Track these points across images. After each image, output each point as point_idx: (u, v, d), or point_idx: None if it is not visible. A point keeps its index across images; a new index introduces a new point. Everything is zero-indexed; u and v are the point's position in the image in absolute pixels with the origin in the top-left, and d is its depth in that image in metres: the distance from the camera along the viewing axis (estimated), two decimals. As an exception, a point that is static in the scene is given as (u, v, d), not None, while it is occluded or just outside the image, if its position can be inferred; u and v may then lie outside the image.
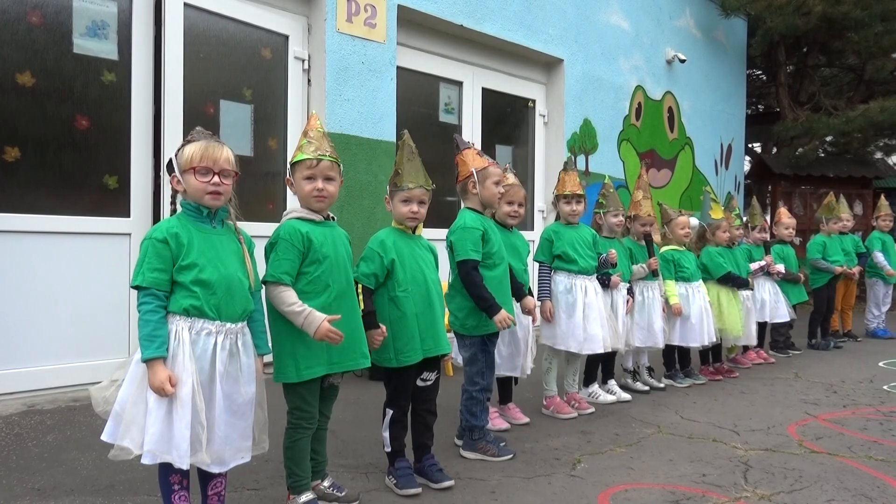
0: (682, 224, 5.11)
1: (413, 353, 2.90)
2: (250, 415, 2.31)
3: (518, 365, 3.82)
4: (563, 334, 4.08)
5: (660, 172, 8.91)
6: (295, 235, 2.52)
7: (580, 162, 7.62)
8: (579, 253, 4.14)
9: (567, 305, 4.09)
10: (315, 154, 2.61)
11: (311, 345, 2.53)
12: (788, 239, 6.49)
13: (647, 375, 4.98)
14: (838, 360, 6.14)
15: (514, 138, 7.54)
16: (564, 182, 4.21)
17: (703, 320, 4.98)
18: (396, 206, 2.99)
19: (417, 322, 2.91)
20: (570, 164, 4.28)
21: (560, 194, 4.22)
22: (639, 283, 4.77)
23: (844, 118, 9.85)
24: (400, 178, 2.98)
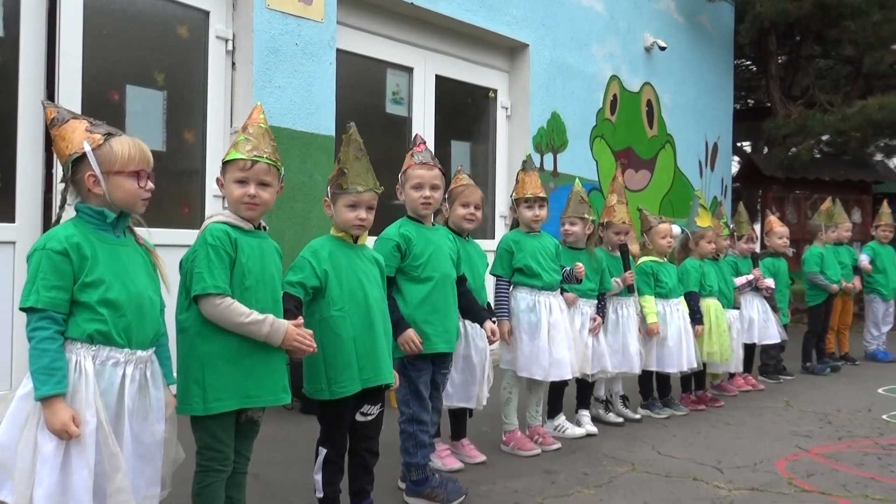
0: (663, 232, 5.20)
1: (350, 382, 2.88)
2: (159, 458, 2.27)
3: (473, 395, 3.83)
4: (526, 359, 4.11)
5: (637, 174, 9.07)
6: (224, 239, 2.51)
7: (548, 161, 7.71)
8: (543, 266, 4.18)
9: (529, 326, 4.12)
10: (251, 154, 2.60)
11: (222, 372, 2.49)
12: (783, 250, 6.67)
13: (622, 405, 5.04)
14: (834, 386, 6.32)
15: (472, 133, 7.58)
16: (524, 183, 4.25)
17: (681, 343, 5.07)
18: (340, 212, 2.97)
19: (355, 347, 2.89)
20: (530, 163, 4.32)
21: (519, 198, 4.26)
22: (612, 300, 4.84)
23: (841, 115, 10.20)
24: (346, 178, 2.98)
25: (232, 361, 2.50)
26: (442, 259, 3.39)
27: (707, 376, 5.77)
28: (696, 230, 5.52)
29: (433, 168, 3.36)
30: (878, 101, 9.83)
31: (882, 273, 7.69)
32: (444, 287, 3.37)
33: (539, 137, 7.60)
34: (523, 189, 4.24)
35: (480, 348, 3.83)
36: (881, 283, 7.71)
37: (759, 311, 6.21)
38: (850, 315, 7.73)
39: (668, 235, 5.22)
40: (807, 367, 7.01)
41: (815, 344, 7.16)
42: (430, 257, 3.34)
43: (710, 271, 5.55)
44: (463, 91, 7.34)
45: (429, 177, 3.35)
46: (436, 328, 3.34)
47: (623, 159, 8.69)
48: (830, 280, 7.12)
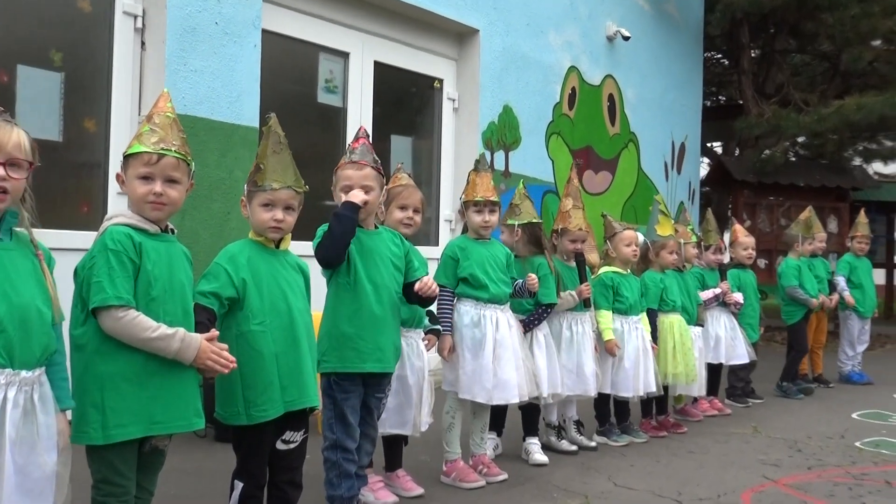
0: (627, 239, 5.29)
1: (270, 405, 2.88)
2: (50, 494, 2.21)
3: (409, 419, 3.84)
4: (468, 379, 4.14)
5: (597, 175, 9.22)
6: (127, 244, 2.48)
7: (498, 160, 7.79)
8: (491, 276, 4.22)
9: (473, 343, 4.15)
10: (156, 147, 2.58)
11: (124, 395, 2.46)
12: (748, 262, 6.86)
13: (575, 432, 5.11)
14: (805, 411, 6.51)
15: (415, 127, 7.61)
16: (475, 185, 4.29)
17: (639, 365, 5.17)
18: (255, 212, 2.98)
19: (277, 365, 2.89)
20: (483, 163, 4.37)
21: (469, 201, 4.30)
22: (566, 316, 4.91)
23: (816, 115, 10.53)
24: (261, 175, 2.98)
25: (136, 382, 2.48)
26: (380, 265, 3.39)
27: (670, 400, 5.89)
28: (656, 239, 5.63)
29: (364, 167, 3.37)
30: (855, 100, 10.19)
31: (858, 288, 7.95)
32: (381, 298, 3.38)
33: (489, 133, 7.67)
34: (473, 191, 4.28)
35: (417, 367, 3.85)
36: (857, 299, 7.96)
37: (726, 329, 6.36)
38: (824, 333, 7.97)
39: (633, 243, 5.31)
40: (782, 386, 7.19)
41: (799, 363, 7.35)
42: (366, 263, 3.34)
43: (672, 284, 5.68)
44: (405, 80, 7.37)
45: (357, 178, 3.36)
46: (367, 344, 3.35)
47: (579, 159, 8.82)
48: (810, 295, 7.33)
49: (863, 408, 6.64)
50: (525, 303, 4.58)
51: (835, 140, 12.42)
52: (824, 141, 12.44)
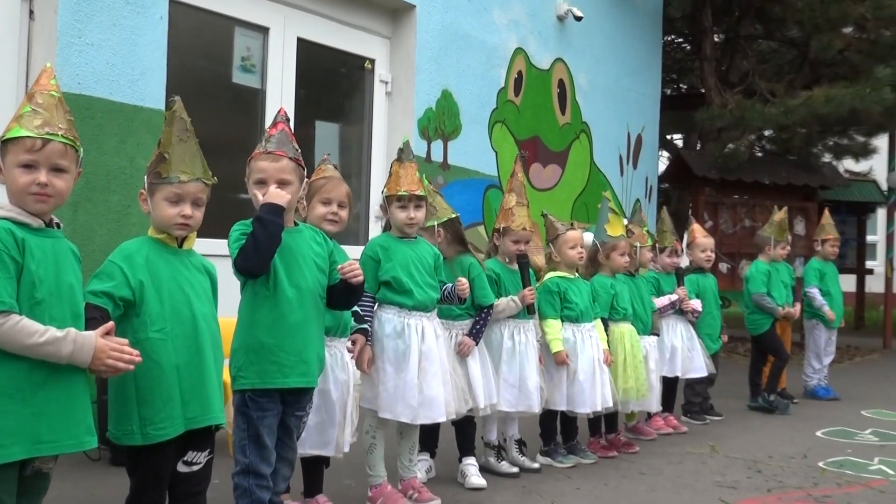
0: (572, 241, 5.35)
1: (170, 423, 2.86)
2: None
3: (331, 439, 3.84)
4: (390, 396, 4.14)
5: (545, 169, 9.32)
6: (8, 241, 2.46)
7: (436, 150, 7.82)
8: (416, 280, 4.23)
9: (396, 355, 4.15)
10: (41, 132, 2.56)
11: (5, 411, 2.42)
12: (706, 265, 7.00)
13: (517, 452, 5.16)
14: (767, 429, 6.68)
15: (343, 112, 7.59)
16: (398, 177, 4.30)
17: (594, 378, 5.24)
18: (158, 206, 2.97)
19: (178, 377, 2.88)
20: (407, 151, 4.37)
21: (392, 195, 4.30)
22: (507, 324, 4.95)
23: (783, 107, 10.79)
24: (166, 165, 2.96)
25: (17, 396, 2.45)
26: (303, 267, 3.38)
27: (620, 417, 5.98)
28: (605, 240, 5.71)
29: (280, 158, 3.34)
30: (824, 92, 10.45)
31: (827, 295, 8.17)
32: (304, 304, 3.36)
33: (426, 121, 7.70)
34: (396, 184, 4.29)
35: (341, 381, 3.85)
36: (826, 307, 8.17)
37: (683, 339, 6.49)
38: (788, 345, 8.17)
39: (578, 245, 5.38)
40: (770, 401, 7.34)
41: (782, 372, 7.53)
42: (287, 265, 3.33)
43: (624, 290, 5.77)
44: (332, 60, 7.35)
45: (273, 170, 3.33)
46: (290, 357, 3.33)
47: (525, 151, 8.89)
48: (777, 303, 7.52)
49: (828, 425, 6.84)
50: (455, 309, 4.60)
51: (803, 134, 12.73)
52: (791, 135, 12.75)
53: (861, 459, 5.67)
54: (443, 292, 4.38)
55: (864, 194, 15.59)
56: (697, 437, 6.26)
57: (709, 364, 6.63)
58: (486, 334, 4.92)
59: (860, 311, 16.37)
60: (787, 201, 11.88)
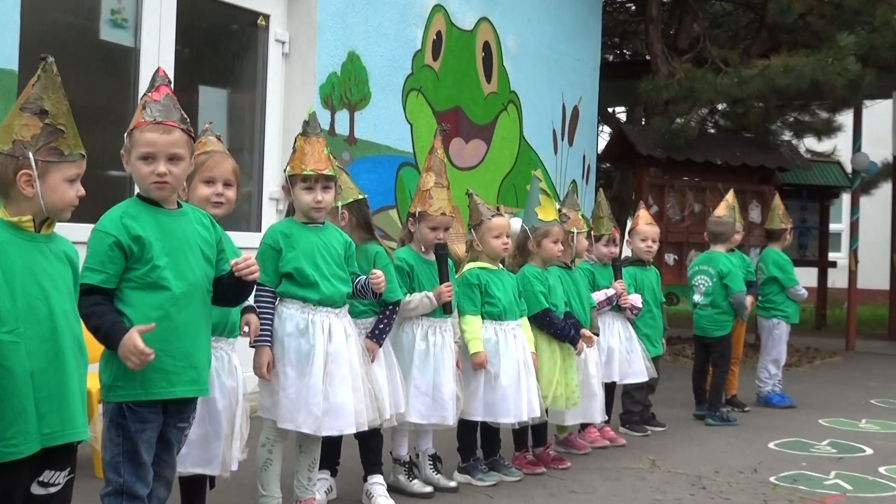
0: (497, 229, 5.38)
1: (22, 439, 2.83)
2: None
3: (216, 455, 3.83)
4: (291, 404, 4.16)
5: (468, 145, 9.37)
6: None
7: (341, 121, 7.81)
8: (323, 271, 4.25)
9: (299, 357, 4.17)
10: None
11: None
12: (647, 256, 7.14)
13: (431, 469, 5.21)
14: (714, 441, 6.86)
15: (232, 77, 7.54)
16: (303, 154, 4.30)
17: (519, 383, 5.30)
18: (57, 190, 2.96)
19: (34, 386, 2.86)
20: (314, 124, 4.38)
21: (296, 174, 4.31)
22: (421, 323, 5.00)
23: (737, 78, 10.99)
24: (65, 140, 2.96)
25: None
26: (190, 257, 3.37)
27: (550, 428, 6.07)
28: (537, 226, 5.79)
29: (172, 130, 3.31)
30: (782, 61, 10.65)
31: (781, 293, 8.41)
32: (192, 301, 3.36)
33: (329, 88, 7.69)
34: (301, 162, 4.29)
35: (229, 388, 3.85)
36: (784, 302, 8.42)
37: (621, 340, 6.61)
38: (740, 346, 8.38)
39: (504, 234, 5.42)
40: (720, 414, 7.52)
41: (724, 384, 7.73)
42: (170, 254, 3.32)
43: (557, 284, 5.86)
44: (218, 14, 7.29)
45: (163, 143, 3.30)
46: (177, 362, 3.32)
47: (445, 124, 8.90)
48: None
49: (782, 436, 7.05)
50: (357, 304, 4.64)
51: (759, 109, 13.00)
52: (747, 110, 13.00)
53: (816, 473, 5.87)
54: (355, 286, 4.41)
55: (828, 177, 15.93)
56: (636, 451, 6.40)
57: (650, 368, 6.74)
58: (396, 335, 4.98)
59: (822, 308, 16.78)
60: (741, 184, 12.16)
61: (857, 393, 9.43)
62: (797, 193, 15.43)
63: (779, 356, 8.51)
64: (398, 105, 8.43)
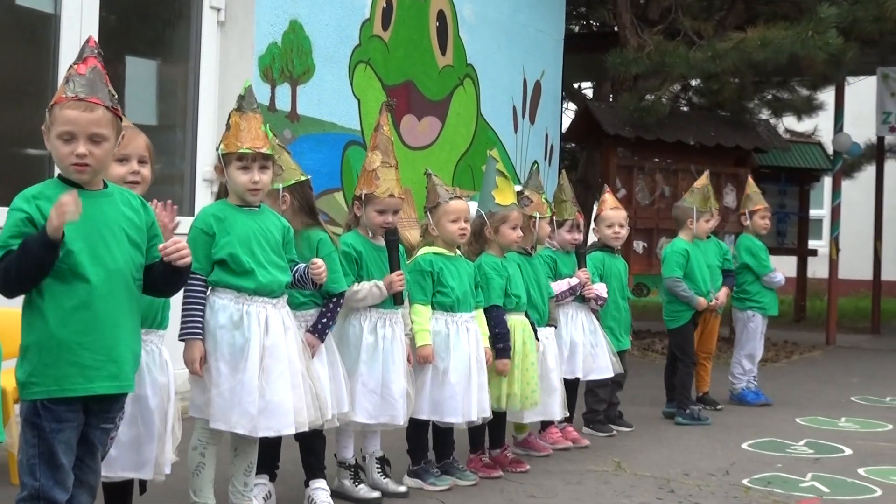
0: (454, 212, 5.38)
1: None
2: None
3: (149, 458, 3.83)
4: (225, 402, 4.15)
5: (421, 122, 9.36)
6: None
7: (283, 96, 7.78)
8: (259, 258, 4.24)
9: (233, 351, 4.16)
10: None
11: None
12: (614, 243, 7.17)
13: (379, 473, 5.22)
14: (684, 441, 6.94)
15: (162, 46, 7.48)
16: (238, 131, 4.29)
17: (470, 381, 5.32)
18: None
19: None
20: (250, 98, 4.37)
21: (230, 152, 4.29)
22: (369, 315, 5.01)
23: (711, 51, 11.03)
24: None
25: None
26: (111, 242, 3.36)
27: (508, 428, 6.09)
28: (494, 210, 5.79)
29: (95, 107, 3.28)
30: (759, 33, 10.68)
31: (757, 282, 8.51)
32: (113, 290, 3.34)
33: (269, 59, 7.64)
34: (236, 139, 4.28)
35: (160, 385, 3.84)
36: (759, 292, 8.51)
37: (584, 333, 6.65)
38: (713, 340, 8.42)
39: (462, 219, 5.41)
40: (689, 412, 7.58)
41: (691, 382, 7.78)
42: (88, 241, 3.29)
43: (516, 272, 5.88)
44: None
45: (85, 122, 3.27)
46: (95, 356, 3.30)
47: (394, 98, 8.91)
48: (698, 291, 7.71)
49: (756, 436, 7.13)
50: (297, 295, 4.64)
51: (734, 85, 13.07)
52: (721, 86, 13.07)
53: (792, 475, 5.96)
54: (294, 274, 4.41)
55: (808, 159, 16.07)
56: (601, 452, 6.44)
57: (615, 363, 6.78)
58: (343, 327, 4.98)
59: (801, 299, 16.95)
60: (715, 166, 12.25)
61: (836, 390, 9.58)
62: (775, 176, 15.55)
63: (753, 350, 8.59)
64: (344, 79, 8.41)
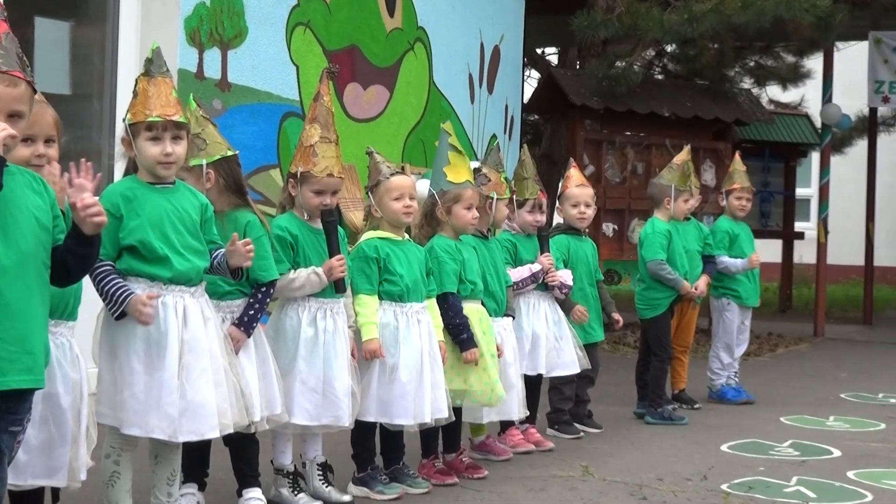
0: (396, 189, 5.35)
1: None
2: None
3: (62, 464, 3.80)
4: (140, 405, 4.12)
5: (367, 92, 9.34)
6: None
7: (212, 62, 7.73)
8: (173, 243, 4.21)
9: (147, 347, 4.13)
10: None
11: None
12: (580, 224, 7.17)
13: (321, 480, 5.21)
14: (658, 443, 6.98)
15: (75, 7, 7.42)
16: (147, 98, 4.26)
17: (422, 378, 5.31)
18: None
19: None
20: (158, 61, 4.34)
21: (138, 122, 4.26)
22: (308, 304, 5.00)
23: (687, 14, 11.06)
24: None
25: None
26: (21, 223, 3.34)
27: (464, 430, 6.11)
28: (447, 189, 5.77)
29: (18, 82, 3.27)
30: (740, -6, 10.78)
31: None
32: (25, 274, 3.33)
33: (196, 21, 7.59)
34: (145, 107, 4.25)
35: (73, 382, 3.83)
36: (738, 281, 8.57)
37: (548, 324, 6.66)
38: (691, 332, 8.50)
39: (406, 195, 5.40)
40: (661, 412, 7.65)
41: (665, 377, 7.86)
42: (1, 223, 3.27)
43: (472, 257, 5.88)
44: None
45: (9, 99, 3.26)
46: (8, 346, 3.30)
47: (334, 64, 8.87)
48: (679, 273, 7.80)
49: (737, 437, 7.19)
50: (222, 284, 4.62)
51: (713, 52, 13.13)
52: (699, 51, 13.13)
53: (775, 479, 6.01)
54: (213, 260, 4.39)
55: (794, 133, 16.16)
56: (567, 456, 6.47)
57: (582, 358, 6.79)
58: (279, 319, 4.97)
59: (787, 287, 17.08)
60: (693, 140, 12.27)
61: (825, 386, 9.71)
62: (758, 152, 15.63)
63: (731, 342, 8.64)
64: (281, 43, 8.36)
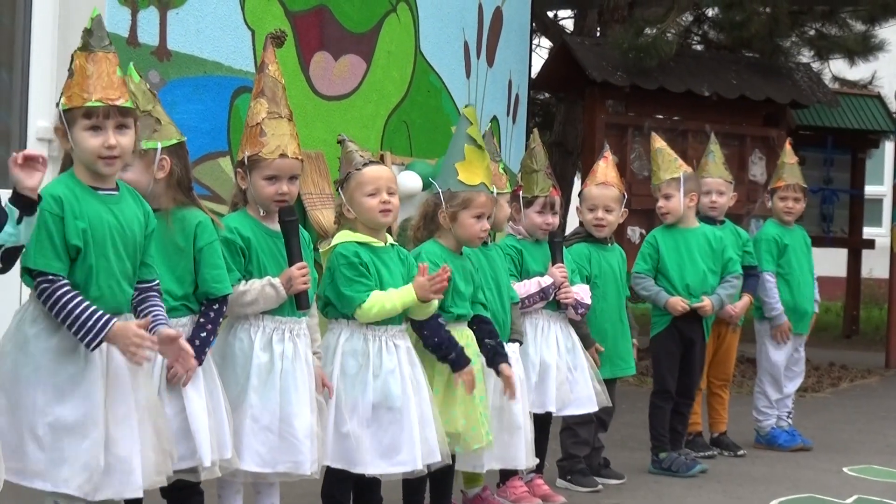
0: (370, 182, 5.32)
1: None
2: None
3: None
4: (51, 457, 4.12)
5: (338, 63, 9.34)
6: None
7: (148, 26, 7.74)
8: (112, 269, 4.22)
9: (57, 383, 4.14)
10: None
11: None
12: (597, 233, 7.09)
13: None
14: (692, 499, 6.98)
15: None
16: (84, 78, 4.25)
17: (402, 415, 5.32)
18: None
19: None
20: (101, 34, 4.33)
21: (75, 107, 4.26)
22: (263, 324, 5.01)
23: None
24: None
25: None
26: None
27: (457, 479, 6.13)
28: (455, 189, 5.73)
29: None
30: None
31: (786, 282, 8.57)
32: None
33: (128, -21, 7.62)
34: (83, 90, 4.24)
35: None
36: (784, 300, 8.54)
37: (560, 351, 6.65)
38: (730, 362, 8.53)
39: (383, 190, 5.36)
40: (659, 460, 7.63)
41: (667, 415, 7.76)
42: None
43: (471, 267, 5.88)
44: None
45: None
46: None
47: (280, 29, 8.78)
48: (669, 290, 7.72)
49: (790, 491, 7.19)
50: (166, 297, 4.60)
51: (764, 17, 13.14)
52: (747, 17, 13.14)
53: (837, 545, 6.04)
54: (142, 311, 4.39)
55: (863, 118, 16.02)
56: (580, 514, 6.51)
57: (601, 393, 6.78)
58: (225, 341, 4.98)
59: (853, 308, 16.98)
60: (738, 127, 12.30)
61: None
62: (819, 141, 15.57)
63: (777, 374, 8.59)
64: (233, 2, 8.38)
